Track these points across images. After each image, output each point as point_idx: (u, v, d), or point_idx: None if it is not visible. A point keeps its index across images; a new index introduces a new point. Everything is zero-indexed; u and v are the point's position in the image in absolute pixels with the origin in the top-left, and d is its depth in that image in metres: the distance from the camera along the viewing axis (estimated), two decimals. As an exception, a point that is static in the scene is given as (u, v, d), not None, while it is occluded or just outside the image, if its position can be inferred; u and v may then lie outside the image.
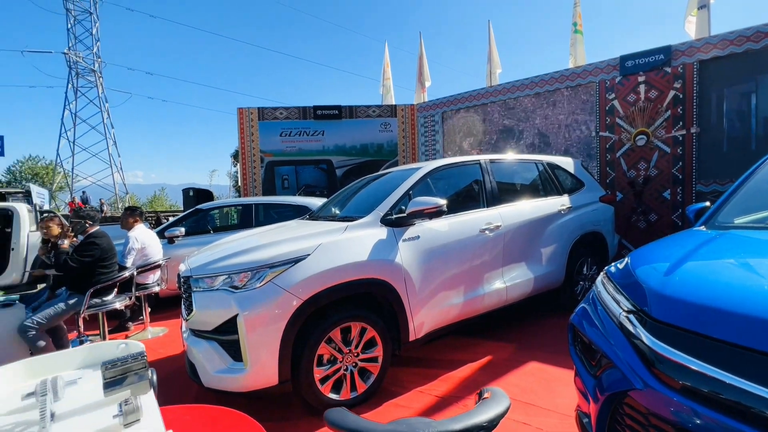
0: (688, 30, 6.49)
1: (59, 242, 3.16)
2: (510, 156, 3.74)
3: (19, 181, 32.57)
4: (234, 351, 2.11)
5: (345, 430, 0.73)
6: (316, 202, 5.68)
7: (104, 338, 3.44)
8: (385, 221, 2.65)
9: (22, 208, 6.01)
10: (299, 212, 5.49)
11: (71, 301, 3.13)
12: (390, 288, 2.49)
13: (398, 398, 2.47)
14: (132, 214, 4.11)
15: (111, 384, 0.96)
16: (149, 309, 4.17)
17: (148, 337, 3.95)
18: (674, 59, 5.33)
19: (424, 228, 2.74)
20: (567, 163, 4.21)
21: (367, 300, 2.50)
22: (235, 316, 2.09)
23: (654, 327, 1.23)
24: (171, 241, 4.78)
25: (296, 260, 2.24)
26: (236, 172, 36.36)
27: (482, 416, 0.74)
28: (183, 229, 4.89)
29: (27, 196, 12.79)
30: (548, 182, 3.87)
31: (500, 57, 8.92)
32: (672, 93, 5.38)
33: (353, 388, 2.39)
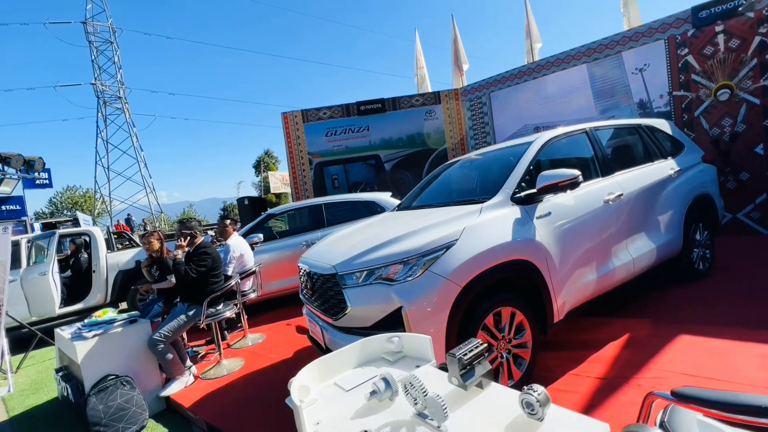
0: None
1: (174, 254, 3.19)
2: (611, 122, 3.51)
3: (61, 211, 34.31)
4: (399, 345, 2.03)
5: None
6: (382, 197, 5.61)
7: (219, 348, 3.47)
8: (515, 199, 2.52)
9: (98, 232, 6.23)
10: (368, 208, 5.43)
11: (191, 313, 3.16)
12: (534, 268, 2.36)
13: (555, 383, 2.34)
14: (232, 223, 4.15)
15: (466, 376, 0.89)
16: (246, 316, 4.20)
17: (248, 345, 3.98)
18: (758, 2, 4.91)
19: (552, 204, 2.58)
20: (664, 125, 3.94)
21: (512, 284, 2.38)
22: (399, 309, 2.01)
23: None
24: (251, 248, 4.80)
25: (447, 246, 2.14)
26: (260, 181, 37.01)
27: None
28: (261, 235, 4.91)
29: (75, 224, 13.38)
30: (653, 146, 3.62)
31: (539, 31, 8.57)
32: (757, 39, 4.97)
33: (509, 375, 2.27)
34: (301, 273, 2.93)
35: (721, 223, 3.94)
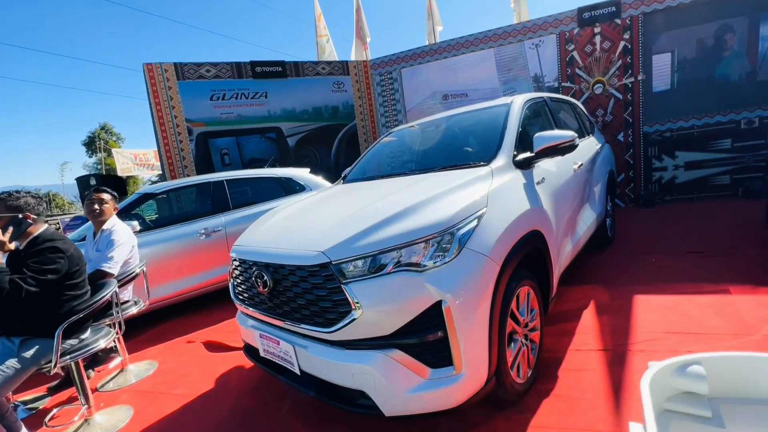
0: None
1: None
2: (557, 96, 3.56)
3: None
4: (434, 353, 1.46)
5: None
6: (300, 173, 4.75)
7: (88, 398, 2.21)
8: (516, 163, 2.19)
9: None
10: (285, 186, 4.52)
11: (28, 353, 1.87)
12: (543, 240, 2.09)
13: (564, 363, 2.15)
14: (112, 198, 2.71)
15: None
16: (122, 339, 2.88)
17: (131, 381, 2.73)
18: (623, 11, 5.85)
19: (542, 170, 2.37)
20: (581, 105, 4.27)
21: (527, 259, 2.05)
22: (437, 304, 1.43)
23: None
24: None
25: (478, 216, 1.65)
26: (97, 162, 29.15)
27: None
28: (136, 223, 3.49)
29: None
30: (582, 122, 3.86)
31: (440, 15, 8.69)
32: (622, 44, 5.94)
33: (528, 363, 1.97)
34: (236, 267, 2.03)
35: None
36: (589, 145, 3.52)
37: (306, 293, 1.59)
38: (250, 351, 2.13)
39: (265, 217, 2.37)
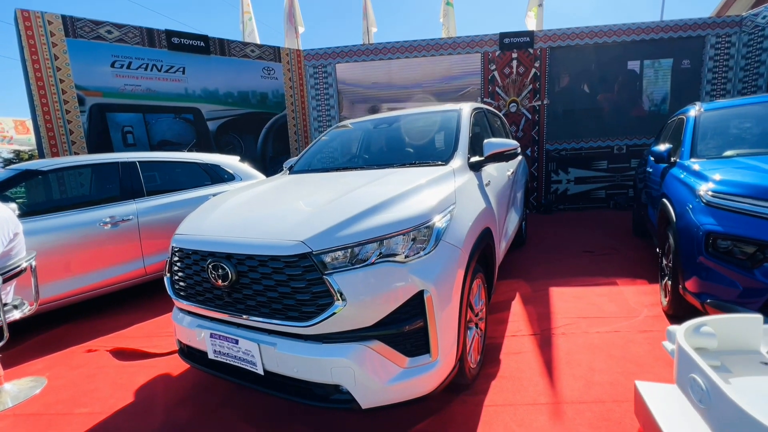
0: (528, 24, 8.25)
1: None
2: (491, 108, 3.90)
3: None
4: (413, 342, 1.49)
5: None
6: (228, 161, 4.36)
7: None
8: (469, 165, 2.37)
9: None
10: (211, 173, 4.11)
11: None
12: (491, 236, 2.29)
13: (504, 348, 2.38)
14: None
15: None
16: (-5, 350, 2.27)
17: (9, 405, 2.17)
18: (535, 43, 6.72)
19: (487, 173, 2.60)
20: (503, 119, 4.78)
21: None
22: (419, 294, 1.46)
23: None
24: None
25: (451, 211, 1.74)
26: None
27: None
28: (15, 205, 2.79)
29: None
30: (507, 135, 4.31)
31: (375, 17, 8.80)
32: (533, 71, 6.81)
33: (478, 349, 2.14)
34: (179, 259, 1.78)
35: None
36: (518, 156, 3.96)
37: (279, 285, 1.47)
38: (190, 354, 1.89)
39: (210, 204, 2.12)
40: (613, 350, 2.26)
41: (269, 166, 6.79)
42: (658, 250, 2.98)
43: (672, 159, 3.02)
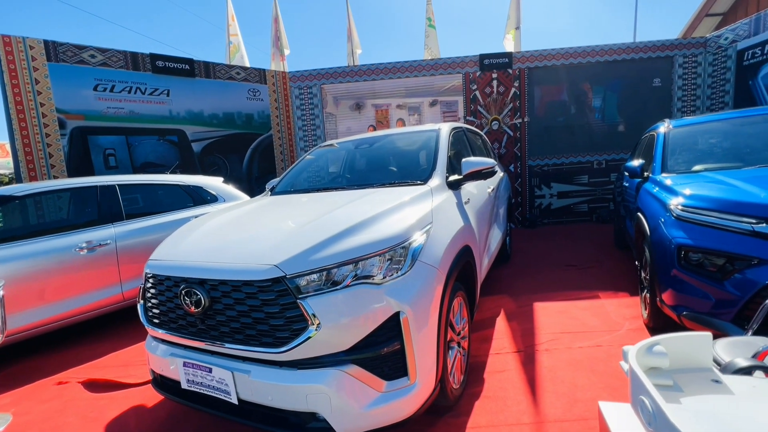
0: (506, 46, 8.57)
1: None
2: (471, 127, 4.00)
3: None
4: (390, 365, 1.47)
5: None
6: (210, 182, 4.34)
7: None
8: (448, 184, 2.40)
9: None
10: (193, 195, 4.08)
11: None
12: (471, 254, 2.31)
13: (488, 366, 2.36)
14: None
15: None
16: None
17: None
18: (514, 63, 6.97)
19: (467, 191, 2.64)
20: (484, 136, 4.89)
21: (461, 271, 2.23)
22: (395, 316, 1.45)
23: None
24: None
25: (428, 231, 1.75)
26: None
27: None
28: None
29: None
30: (488, 152, 4.40)
31: (360, 39, 9.04)
32: (513, 90, 7.03)
33: (461, 369, 2.11)
34: (152, 285, 1.75)
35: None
36: (497, 173, 4.04)
37: (253, 311, 1.45)
38: (164, 385, 1.82)
39: (187, 228, 2.09)
40: (595, 365, 2.26)
41: (255, 187, 6.77)
42: (636, 263, 3.04)
43: (645, 174, 3.12)
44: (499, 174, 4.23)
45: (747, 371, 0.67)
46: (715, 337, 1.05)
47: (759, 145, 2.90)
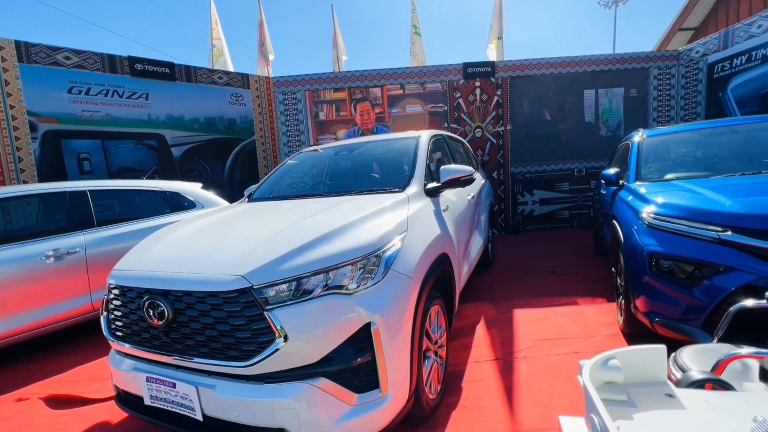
0: (489, 55, 8.72)
1: None
2: (452, 134, 4.03)
3: None
4: (361, 377, 1.43)
5: None
6: (189, 188, 4.25)
7: None
8: (426, 191, 2.40)
9: None
10: (170, 201, 3.98)
11: None
12: (449, 262, 2.30)
13: (466, 375, 2.34)
14: None
15: None
16: None
17: None
18: (497, 72, 7.09)
19: (445, 198, 2.64)
20: (466, 143, 4.93)
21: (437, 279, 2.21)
22: (366, 327, 1.42)
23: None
24: None
25: (402, 239, 1.73)
26: None
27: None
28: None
29: None
30: (470, 160, 4.44)
31: (345, 46, 9.06)
32: (495, 98, 7.15)
33: (438, 378, 2.09)
34: (115, 297, 1.68)
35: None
36: (478, 180, 4.07)
37: (218, 323, 1.40)
38: (127, 400, 1.74)
39: (155, 237, 2.02)
40: (572, 372, 2.27)
41: (237, 193, 6.66)
42: (613, 269, 3.09)
43: (620, 182, 3.19)
44: (481, 181, 4.26)
45: (701, 384, 0.67)
46: (685, 344, 1.06)
47: (727, 154, 3.00)
